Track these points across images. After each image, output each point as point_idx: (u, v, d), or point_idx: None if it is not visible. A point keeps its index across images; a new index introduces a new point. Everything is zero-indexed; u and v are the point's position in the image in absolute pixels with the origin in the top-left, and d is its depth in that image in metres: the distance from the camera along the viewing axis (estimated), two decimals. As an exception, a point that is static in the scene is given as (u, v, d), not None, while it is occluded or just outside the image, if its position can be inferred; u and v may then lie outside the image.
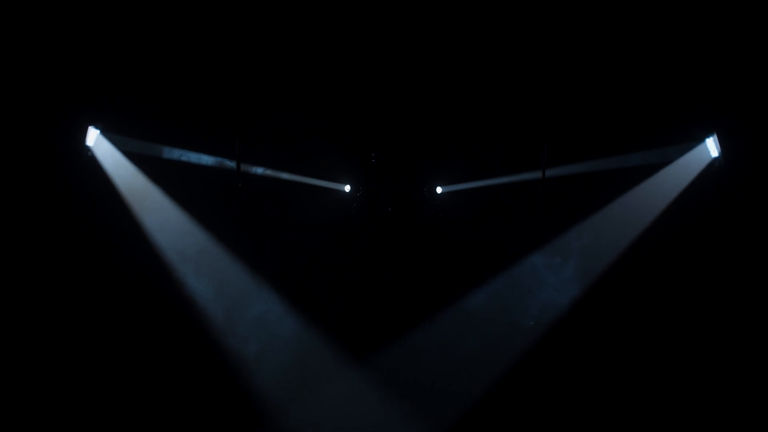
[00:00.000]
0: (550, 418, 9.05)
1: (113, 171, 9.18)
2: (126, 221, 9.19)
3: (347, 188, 9.79)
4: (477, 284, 9.68)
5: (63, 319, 8.76)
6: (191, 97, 9.22)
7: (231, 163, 9.34)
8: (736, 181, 8.68)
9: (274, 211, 9.72)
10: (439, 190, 9.83)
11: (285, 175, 9.64)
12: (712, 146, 8.93)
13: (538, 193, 9.34)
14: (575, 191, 9.52)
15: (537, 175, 9.39)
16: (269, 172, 9.64)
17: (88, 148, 9.02)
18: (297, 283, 9.65)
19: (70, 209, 8.94)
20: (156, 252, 9.25)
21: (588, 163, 9.36)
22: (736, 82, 8.64)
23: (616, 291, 9.24)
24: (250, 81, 9.28)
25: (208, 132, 9.43)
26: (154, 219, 9.30)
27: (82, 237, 9.00)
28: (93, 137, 9.06)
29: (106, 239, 9.13)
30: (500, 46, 9.12)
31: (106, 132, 9.15)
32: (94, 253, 9.05)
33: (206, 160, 9.51)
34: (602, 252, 9.30)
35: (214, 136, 9.42)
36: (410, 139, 9.28)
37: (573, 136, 9.34)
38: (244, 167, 9.28)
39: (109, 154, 9.20)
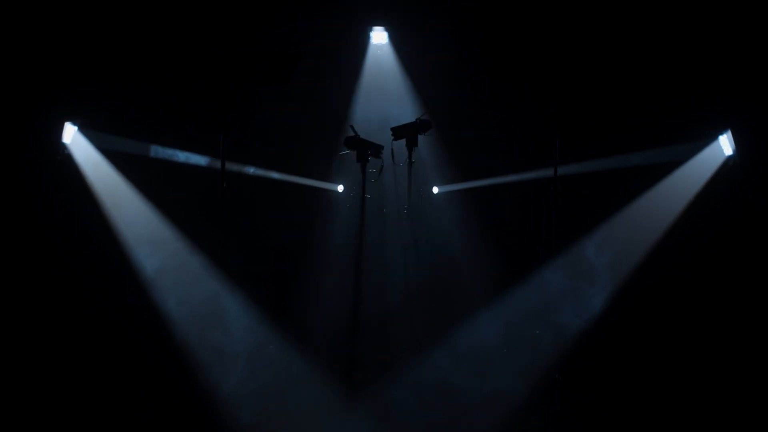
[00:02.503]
0: None
1: (90, 170, 9.03)
2: (102, 225, 8.99)
3: (340, 188, 9.57)
4: (482, 307, 9.28)
5: (21, 326, 8.64)
6: (175, 92, 9.11)
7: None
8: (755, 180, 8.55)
9: (262, 212, 9.49)
10: (435, 190, 9.52)
11: (275, 175, 9.46)
12: (725, 143, 8.72)
13: (546, 194, 9.06)
14: (578, 193, 9.22)
15: (537, 174, 9.18)
16: (259, 172, 9.46)
17: (64, 146, 8.86)
18: (283, 294, 9.37)
19: (43, 211, 8.83)
20: (131, 262, 9.07)
21: (588, 163, 9.14)
22: (748, 71, 8.54)
23: (643, 312, 8.92)
24: (238, 75, 9.10)
25: (193, 129, 9.23)
26: (130, 223, 9.09)
27: (55, 242, 8.88)
28: (70, 134, 8.90)
29: (80, 244, 8.97)
30: (505, 41, 9.06)
31: (84, 129, 9.00)
32: (65, 260, 8.91)
33: (191, 158, 9.35)
34: (621, 267, 9.00)
35: (199, 133, 9.22)
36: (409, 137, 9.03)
37: (576, 134, 9.08)
38: (230, 166, 9.07)
39: (86, 152, 9.05)
